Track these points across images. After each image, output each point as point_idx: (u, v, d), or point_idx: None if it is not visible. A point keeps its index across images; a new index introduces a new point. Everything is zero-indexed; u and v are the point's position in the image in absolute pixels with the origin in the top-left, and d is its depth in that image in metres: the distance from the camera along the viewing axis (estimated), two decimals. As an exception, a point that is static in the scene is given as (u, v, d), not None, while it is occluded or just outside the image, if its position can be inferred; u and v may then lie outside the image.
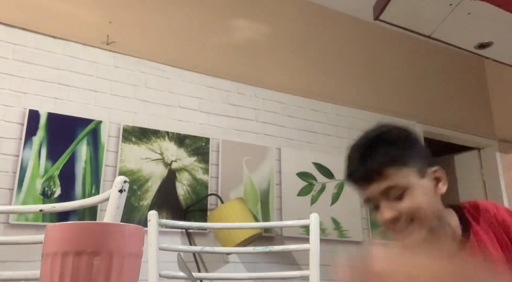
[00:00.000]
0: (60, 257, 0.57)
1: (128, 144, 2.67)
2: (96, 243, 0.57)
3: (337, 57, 3.75)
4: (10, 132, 2.41)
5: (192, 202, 2.74)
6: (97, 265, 0.56)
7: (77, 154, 2.52)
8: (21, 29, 2.58)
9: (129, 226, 0.61)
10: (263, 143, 3.14)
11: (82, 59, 2.71)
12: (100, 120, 2.63)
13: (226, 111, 3.08)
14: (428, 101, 4.10)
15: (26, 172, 2.37)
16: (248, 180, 2.98)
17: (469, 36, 2.32)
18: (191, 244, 2.64)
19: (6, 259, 2.18)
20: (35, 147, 2.42)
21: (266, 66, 3.38)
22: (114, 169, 2.60)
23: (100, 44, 2.78)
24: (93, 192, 2.49)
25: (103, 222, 0.84)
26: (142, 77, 2.87)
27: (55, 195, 2.40)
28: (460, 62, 4.45)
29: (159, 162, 2.74)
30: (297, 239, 2.95)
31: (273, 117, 3.25)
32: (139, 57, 2.88)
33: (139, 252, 0.63)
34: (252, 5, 3.49)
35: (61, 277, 0.56)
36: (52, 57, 2.62)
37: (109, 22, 2.85)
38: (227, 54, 3.23)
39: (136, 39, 2.92)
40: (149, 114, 2.82)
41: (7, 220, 2.27)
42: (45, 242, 0.60)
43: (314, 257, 1.61)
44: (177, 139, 2.84)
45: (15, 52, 2.53)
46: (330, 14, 3.84)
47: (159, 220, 1.57)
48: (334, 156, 3.34)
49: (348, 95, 3.66)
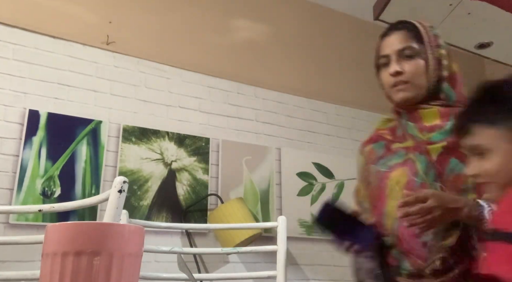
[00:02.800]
0: (60, 257, 0.57)
1: (128, 144, 2.67)
2: (96, 243, 0.57)
3: (337, 57, 3.75)
4: (10, 132, 2.41)
5: (192, 202, 2.74)
6: (97, 265, 0.56)
7: (77, 154, 2.52)
8: (21, 29, 2.58)
9: (129, 226, 0.61)
10: (263, 143, 3.14)
11: (82, 59, 2.71)
12: (100, 120, 2.63)
13: (226, 111, 3.08)
14: (428, 101, 4.10)
15: (26, 172, 2.37)
16: (248, 180, 2.98)
17: (469, 36, 2.32)
18: (191, 244, 2.64)
19: (6, 259, 2.18)
20: (35, 147, 2.42)
21: (266, 66, 3.37)
22: (114, 169, 2.60)
23: (100, 44, 2.78)
24: (93, 192, 2.49)
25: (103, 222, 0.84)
26: (142, 77, 2.87)
27: (55, 195, 2.40)
28: (460, 62, 4.43)
29: (159, 162, 2.74)
30: (298, 239, 2.95)
31: (273, 117, 3.25)
32: (139, 57, 2.88)
33: (139, 252, 0.63)
34: (252, 5, 3.48)
35: (61, 277, 0.56)
36: (52, 57, 2.62)
37: (109, 22, 2.85)
38: (227, 54, 3.23)
39: (136, 39, 2.92)
40: (149, 114, 2.82)
41: (7, 220, 2.27)
42: (45, 242, 0.60)
43: (281, 257, 1.66)
44: (177, 139, 2.84)
45: (15, 52, 2.53)
46: (330, 14, 3.84)
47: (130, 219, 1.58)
48: (334, 156, 3.34)
49: (348, 95, 3.66)
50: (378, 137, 1.28)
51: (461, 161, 1.03)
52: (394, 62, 1.19)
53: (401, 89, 1.18)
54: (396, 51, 1.20)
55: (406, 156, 1.13)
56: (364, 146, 1.32)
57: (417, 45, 1.19)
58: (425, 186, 1.06)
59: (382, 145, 1.23)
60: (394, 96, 1.21)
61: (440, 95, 1.18)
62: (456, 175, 1.05)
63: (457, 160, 1.05)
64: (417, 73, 1.17)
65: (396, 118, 1.27)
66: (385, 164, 1.17)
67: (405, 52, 1.19)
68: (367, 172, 1.25)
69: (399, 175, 1.11)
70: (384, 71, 1.23)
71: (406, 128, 1.19)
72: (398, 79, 1.18)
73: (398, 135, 1.22)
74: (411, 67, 1.17)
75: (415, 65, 1.17)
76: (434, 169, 1.07)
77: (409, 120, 1.19)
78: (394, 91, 1.20)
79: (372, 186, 1.21)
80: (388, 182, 1.13)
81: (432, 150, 1.09)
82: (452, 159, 1.06)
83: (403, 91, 1.18)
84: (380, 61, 1.25)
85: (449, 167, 1.06)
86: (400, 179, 1.10)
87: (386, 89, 1.24)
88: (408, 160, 1.12)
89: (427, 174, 1.07)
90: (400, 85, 1.18)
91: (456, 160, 1.06)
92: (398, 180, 1.10)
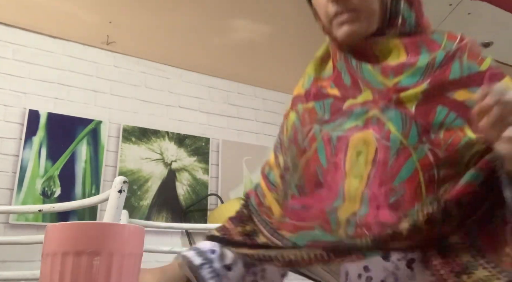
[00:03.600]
0: (60, 257, 0.57)
1: (128, 144, 2.67)
2: (96, 243, 0.57)
3: (337, 57, 3.75)
4: (10, 132, 2.41)
5: (192, 202, 2.75)
6: (97, 265, 0.56)
7: (77, 154, 2.52)
8: (21, 29, 2.58)
9: (129, 226, 0.61)
10: (263, 143, 3.14)
11: (82, 59, 2.71)
12: (100, 120, 2.63)
13: (226, 111, 3.09)
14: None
15: (26, 172, 2.37)
16: (248, 180, 2.98)
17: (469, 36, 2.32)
18: (191, 244, 2.64)
19: (6, 259, 2.18)
20: (35, 147, 2.42)
21: (266, 66, 3.38)
22: (114, 169, 2.60)
23: (100, 44, 2.78)
24: (93, 192, 2.50)
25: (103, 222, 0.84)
26: (142, 77, 2.87)
27: (55, 195, 2.40)
28: (460, 62, 4.45)
29: (159, 162, 2.74)
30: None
31: (273, 117, 3.25)
32: (139, 57, 2.88)
33: (139, 252, 0.63)
34: (252, 5, 3.49)
35: (61, 277, 0.56)
36: (52, 57, 2.63)
37: (109, 22, 2.85)
38: (227, 54, 3.23)
39: (136, 39, 2.92)
40: (149, 114, 2.82)
41: (7, 220, 2.27)
42: (45, 242, 0.60)
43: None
44: (177, 139, 2.84)
45: (15, 52, 2.53)
46: (330, 14, 3.84)
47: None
48: (334, 156, 3.34)
49: (348, 95, 3.66)
50: (319, 91, 0.85)
51: (452, 108, 0.70)
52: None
53: (345, 21, 0.78)
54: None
55: (366, 114, 0.74)
56: (299, 100, 0.90)
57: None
58: (406, 152, 0.69)
59: (329, 104, 0.81)
60: (336, 32, 0.81)
61: (396, 20, 0.79)
62: (448, 129, 0.69)
63: (445, 108, 0.70)
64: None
65: (338, 59, 0.85)
66: (335, 130, 0.77)
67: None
68: (304, 135, 0.82)
69: (362, 140, 0.73)
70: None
71: (359, 74, 0.79)
72: (341, 7, 0.78)
73: (346, 86, 0.81)
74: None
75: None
76: (415, 126, 0.71)
77: (360, 61, 0.79)
78: (335, 24, 0.80)
79: (311, 157, 0.78)
80: (348, 151, 0.74)
81: (406, 98, 0.72)
82: (439, 107, 0.71)
83: (349, 24, 0.78)
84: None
85: (436, 119, 0.70)
86: (365, 147, 0.72)
87: (323, 21, 0.86)
88: (371, 119, 0.73)
89: (405, 135, 0.70)
90: (344, 14, 0.78)
91: (444, 107, 0.70)
92: (360, 149, 0.72)
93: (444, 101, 0.71)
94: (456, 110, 0.69)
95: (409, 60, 0.74)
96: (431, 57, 0.72)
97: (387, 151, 0.71)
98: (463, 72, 0.71)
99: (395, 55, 0.77)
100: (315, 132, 0.79)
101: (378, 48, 0.79)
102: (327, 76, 0.88)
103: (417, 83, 0.72)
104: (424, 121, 0.70)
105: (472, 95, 0.67)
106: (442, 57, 0.72)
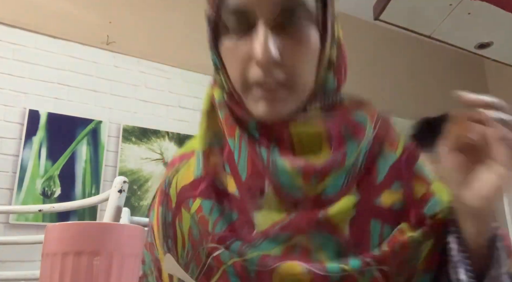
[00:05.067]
0: (60, 257, 0.57)
1: (128, 144, 2.67)
2: (96, 243, 0.57)
3: (337, 57, 3.75)
4: (10, 132, 2.41)
5: (192, 202, 2.75)
6: (97, 265, 0.56)
7: (77, 154, 2.52)
8: (21, 29, 2.58)
9: (128, 226, 0.61)
10: (263, 143, 3.14)
11: (82, 59, 2.71)
12: (100, 120, 2.63)
13: (226, 111, 3.09)
14: (427, 101, 4.10)
15: (26, 172, 2.37)
16: (248, 180, 2.98)
17: (469, 36, 2.32)
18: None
19: (6, 259, 2.18)
20: (35, 147, 2.42)
21: (266, 66, 3.37)
22: (114, 169, 2.60)
23: (100, 44, 2.78)
24: (93, 192, 2.49)
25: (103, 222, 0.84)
26: (142, 77, 2.87)
27: (55, 195, 2.40)
28: (460, 62, 4.45)
29: (159, 162, 2.74)
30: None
31: (273, 117, 3.25)
32: (139, 57, 2.88)
33: (138, 253, 0.62)
34: (252, 5, 3.49)
35: (61, 277, 0.56)
36: (52, 57, 2.63)
37: (109, 22, 2.85)
38: (227, 54, 3.23)
39: (136, 39, 2.92)
40: (149, 114, 2.82)
41: (7, 220, 2.27)
42: (45, 242, 0.60)
43: None
44: (177, 139, 2.84)
45: (15, 52, 2.53)
46: (330, 14, 3.84)
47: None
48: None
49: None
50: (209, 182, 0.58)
51: (384, 220, 0.55)
52: (263, 33, 0.51)
53: (268, 98, 0.53)
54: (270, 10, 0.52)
55: (288, 241, 0.53)
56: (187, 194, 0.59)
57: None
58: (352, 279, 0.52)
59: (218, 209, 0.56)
60: (250, 105, 0.56)
61: (321, 93, 0.58)
62: (389, 241, 0.54)
63: (378, 220, 0.55)
64: (305, 60, 0.54)
65: (235, 135, 0.58)
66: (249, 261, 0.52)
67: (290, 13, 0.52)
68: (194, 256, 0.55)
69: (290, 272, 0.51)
70: (235, 47, 0.57)
71: (268, 169, 0.54)
72: (268, 77, 0.52)
73: (241, 179, 0.57)
74: (295, 49, 0.53)
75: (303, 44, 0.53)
76: (353, 250, 0.54)
77: (271, 148, 0.55)
78: (252, 94, 0.55)
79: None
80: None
81: (337, 219, 0.54)
82: (372, 221, 0.55)
83: (272, 102, 0.53)
84: (228, 20, 0.56)
85: (373, 237, 0.55)
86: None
87: (233, 79, 0.59)
88: (293, 248, 0.53)
89: (345, 261, 0.53)
90: (269, 88, 0.53)
91: (377, 220, 0.55)
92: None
93: (375, 213, 0.56)
94: (388, 221, 0.55)
95: (335, 157, 0.55)
96: (356, 153, 0.56)
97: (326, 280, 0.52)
98: (385, 170, 0.57)
99: (316, 147, 0.56)
100: (222, 258, 0.53)
101: (297, 132, 0.56)
102: (218, 144, 0.62)
103: (342, 190, 0.55)
104: (360, 242, 0.55)
105: (394, 196, 0.56)
106: (367, 153, 0.57)
